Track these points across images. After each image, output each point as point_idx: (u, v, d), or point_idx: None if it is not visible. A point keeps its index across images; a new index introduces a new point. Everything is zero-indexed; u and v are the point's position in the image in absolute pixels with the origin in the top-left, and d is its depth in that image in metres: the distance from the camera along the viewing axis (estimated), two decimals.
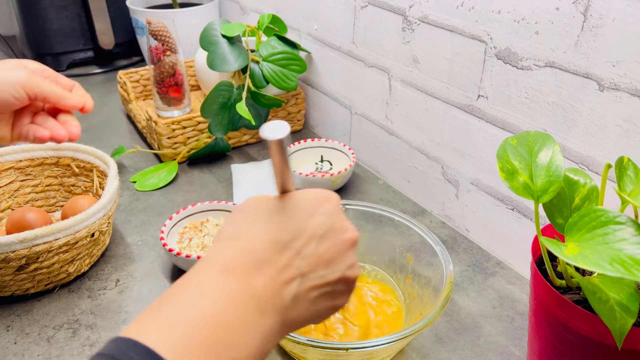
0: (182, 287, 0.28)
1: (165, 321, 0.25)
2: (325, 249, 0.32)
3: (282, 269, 0.30)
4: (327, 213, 0.33)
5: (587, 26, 0.46)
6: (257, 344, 0.27)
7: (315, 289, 0.31)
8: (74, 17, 1.10)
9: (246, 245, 0.30)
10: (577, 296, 0.39)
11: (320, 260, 0.32)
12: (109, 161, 0.63)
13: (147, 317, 0.26)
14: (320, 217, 0.32)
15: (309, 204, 0.33)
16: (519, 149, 0.41)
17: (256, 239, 0.30)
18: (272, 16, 0.82)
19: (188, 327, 0.25)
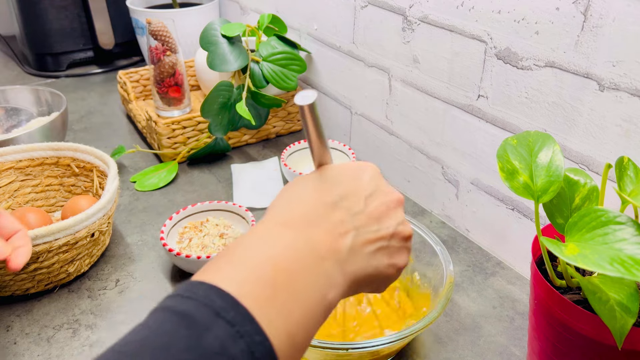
0: (243, 240, 0.29)
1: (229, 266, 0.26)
2: (374, 207, 0.33)
3: (336, 225, 0.31)
4: (370, 176, 0.35)
5: (587, 26, 0.46)
6: (320, 288, 0.28)
7: (370, 243, 0.32)
8: (74, 17, 1.10)
9: (298, 207, 0.32)
10: (577, 296, 0.39)
11: (370, 217, 0.33)
12: (109, 161, 0.63)
13: (210, 265, 0.27)
14: (364, 181, 0.34)
15: (351, 171, 0.35)
16: (519, 149, 0.41)
17: (307, 202, 0.32)
18: (272, 16, 0.82)
19: (252, 270, 0.26)
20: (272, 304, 0.25)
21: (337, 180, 0.34)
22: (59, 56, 1.14)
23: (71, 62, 1.16)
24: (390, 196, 0.35)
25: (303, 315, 0.27)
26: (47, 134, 0.74)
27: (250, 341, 0.23)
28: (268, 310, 0.25)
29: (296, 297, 0.26)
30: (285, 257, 0.27)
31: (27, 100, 0.85)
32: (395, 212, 0.35)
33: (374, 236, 0.33)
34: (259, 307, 0.24)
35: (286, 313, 0.25)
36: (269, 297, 0.25)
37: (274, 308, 0.25)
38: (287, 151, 0.77)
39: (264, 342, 0.23)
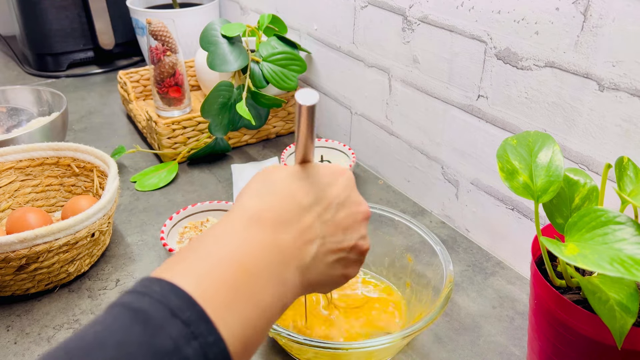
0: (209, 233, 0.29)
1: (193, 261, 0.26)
2: (342, 217, 0.34)
3: (305, 230, 0.32)
4: (344, 185, 0.35)
5: (587, 26, 0.46)
6: (279, 294, 0.29)
7: (332, 253, 0.33)
8: (74, 17, 1.11)
9: (274, 203, 0.31)
10: (577, 296, 0.39)
11: (337, 226, 0.34)
12: (109, 161, 0.63)
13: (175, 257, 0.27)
14: (338, 188, 0.35)
15: (328, 174, 0.35)
16: (519, 149, 0.41)
17: (283, 198, 0.32)
18: (272, 16, 0.82)
19: (214, 267, 0.26)
20: (230, 306, 0.25)
21: (315, 181, 0.34)
22: (59, 56, 1.14)
23: (71, 62, 1.16)
24: (359, 208, 0.36)
25: (260, 319, 0.27)
26: (47, 134, 0.74)
27: (204, 342, 0.23)
28: (225, 312, 0.25)
29: (255, 302, 0.26)
30: (250, 257, 0.27)
31: (27, 100, 0.85)
32: (360, 225, 0.36)
33: (336, 247, 0.34)
34: (216, 309, 0.24)
35: (244, 317, 0.25)
36: (228, 300, 0.25)
37: (231, 311, 0.25)
38: (287, 151, 0.77)
39: (218, 343, 0.23)
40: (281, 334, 0.42)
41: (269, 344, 0.51)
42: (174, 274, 0.25)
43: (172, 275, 0.25)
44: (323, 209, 0.33)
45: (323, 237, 0.33)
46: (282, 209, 0.31)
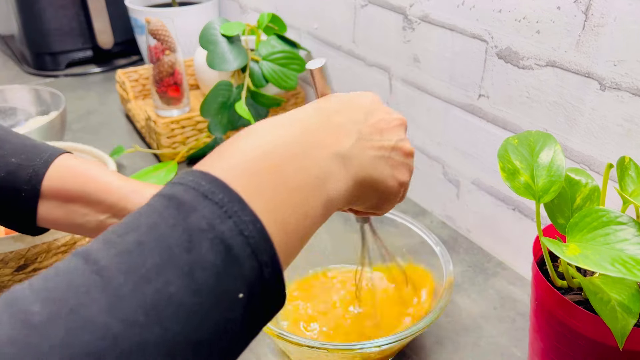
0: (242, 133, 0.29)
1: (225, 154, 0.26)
2: (375, 121, 0.34)
3: (338, 126, 0.31)
4: (370, 99, 0.35)
5: (588, 25, 0.45)
6: (319, 176, 0.28)
7: (372, 149, 0.33)
8: (72, 16, 1.10)
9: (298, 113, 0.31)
10: (578, 297, 0.39)
11: (372, 127, 0.33)
12: (108, 161, 0.63)
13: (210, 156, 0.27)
14: (364, 101, 0.35)
15: (351, 94, 0.35)
16: (520, 148, 0.41)
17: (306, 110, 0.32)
18: (272, 15, 0.81)
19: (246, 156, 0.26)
20: (259, 189, 0.25)
21: (338, 100, 0.34)
22: (58, 55, 1.14)
23: (70, 62, 1.16)
24: (392, 115, 0.35)
25: (296, 204, 0.26)
26: (45, 134, 0.74)
27: (239, 220, 0.23)
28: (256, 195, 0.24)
29: (287, 184, 0.26)
30: (279, 147, 0.27)
31: (25, 99, 0.85)
32: (397, 129, 0.35)
33: (376, 144, 0.33)
34: (249, 192, 0.24)
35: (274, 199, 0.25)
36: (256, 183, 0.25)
37: (262, 193, 0.25)
38: None
39: (255, 222, 0.23)
40: (275, 332, 0.42)
41: (269, 345, 0.51)
42: (205, 165, 0.25)
43: (204, 167, 0.25)
44: (352, 113, 0.33)
45: (359, 133, 0.32)
46: (310, 114, 0.31)
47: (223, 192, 0.23)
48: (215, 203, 0.23)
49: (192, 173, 0.25)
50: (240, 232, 0.23)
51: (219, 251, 0.22)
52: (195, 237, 0.22)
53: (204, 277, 0.21)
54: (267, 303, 0.24)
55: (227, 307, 0.22)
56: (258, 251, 0.23)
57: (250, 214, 0.23)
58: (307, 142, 0.29)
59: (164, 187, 0.24)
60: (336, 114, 0.32)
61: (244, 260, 0.22)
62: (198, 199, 0.23)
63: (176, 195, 0.23)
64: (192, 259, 0.21)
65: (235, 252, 0.22)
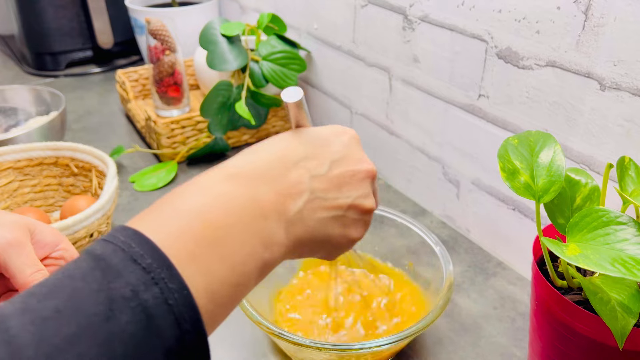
0: (186, 187, 0.28)
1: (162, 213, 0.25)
2: (337, 174, 0.32)
3: (291, 185, 0.30)
4: (343, 143, 0.33)
5: (588, 25, 0.45)
6: (255, 249, 0.27)
7: (324, 210, 0.31)
8: (72, 17, 1.10)
9: (257, 160, 0.30)
10: (578, 297, 0.39)
11: (331, 183, 0.31)
12: (107, 161, 0.63)
13: (148, 209, 0.26)
14: (336, 146, 0.33)
15: (327, 132, 0.33)
16: (520, 148, 0.41)
17: (268, 155, 0.30)
18: (272, 15, 0.81)
19: (182, 219, 0.25)
20: (195, 257, 0.24)
21: (309, 139, 0.32)
22: (58, 55, 1.14)
23: (70, 62, 1.16)
24: (360, 166, 0.33)
25: (230, 273, 0.25)
26: (45, 134, 0.74)
27: (165, 287, 0.22)
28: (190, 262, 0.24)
29: (224, 254, 0.25)
30: (219, 209, 0.26)
31: (25, 99, 0.85)
32: (361, 183, 0.33)
33: (330, 204, 0.31)
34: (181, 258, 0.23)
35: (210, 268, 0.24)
36: (193, 250, 0.24)
37: (196, 261, 0.24)
38: None
39: (181, 290, 0.23)
40: (275, 333, 0.42)
41: (269, 345, 0.51)
42: (141, 223, 0.25)
43: (140, 225, 0.24)
44: (315, 165, 0.31)
45: (312, 192, 0.30)
46: (265, 165, 0.30)
47: (152, 256, 0.23)
48: (143, 268, 0.22)
49: (125, 231, 0.24)
50: (165, 300, 0.22)
51: (139, 320, 0.21)
52: (116, 306, 0.21)
53: (122, 348, 0.20)
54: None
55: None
56: (181, 319, 0.22)
57: (178, 281, 0.23)
58: (251, 205, 0.27)
59: (95, 243, 0.24)
60: (296, 165, 0.30)
61: (165, 329, 0.22)
62: (126, 262, 0.22)
63: (104, 257, 0.23)
64: (111, 328, 0.21)
65: (157, 322, 0.22)
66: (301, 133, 0.33)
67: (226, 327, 0.53)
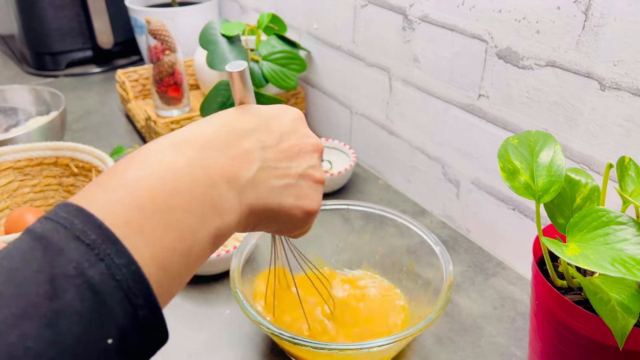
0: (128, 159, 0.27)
1: (106, 186, 0.25)
2: (287, 146, 0.32)
3: (241, 153, 0.29)
4: (290, 118, 0.34)
5: (588, 25, 0.45)
6: (205, 214, 0.26)
7: (276, 178, 0.31)
8: (72, 17, 1.10)
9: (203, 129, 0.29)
10: (578, 297, 0.39)
11: (282, 154, 0.32)
12: (107, 161, 0.63)
13: (91, 186, 0.25)
14: (283, 120, 0.33)
15: (272, 109, 0.34)
16: (520, 148, 0.41)
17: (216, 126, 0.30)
18: (272, 15, 0.81)
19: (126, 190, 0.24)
20: (142, 228, 0.23)
21: (256, 114, 0.32)
22: (58, 55, 1.14)
23: (70, 62, 1.16)
24: (308, 139, 0.34)
25: (179, 241, 0.25)
26: (45, 134, 0.74)
27: (111, 263, 0.21)
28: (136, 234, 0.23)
29: (171, 222, 0.24)
30: (166, 178, 0.25)
31: (25, 99, 0.85)
32: (310, 155, 0.33)
33: (282, 173, 0.31)
34: (126, 231, 0.23)
35: (158, 238, 0.24)
36: (139, 221, 0.23)
37: (143, 232, 0.23)
38: None
39: (129, 265, 0.22)
40: (275, 333, 0.42)
41: (269, 344, 0.51)
42: (85, 198, 0.24)
43: (83, 200, 0.23)
44: (265, 137, 0.31)
45: (264, 161, 0.30)
46: (213, 134, 0.29)
47: (96, 232, 0.22)
48: (87, 245, 0.21)
49: (67, 207, 0.23)
50: (112, 275, 0.21)
51: (85, 298, 0.20)
52: (59, 284, 0.20)
53: (67, 327, 0.20)
54: (146, 342, 0.23)
55: (94, 355, 0.20)
56: (131, 294, 0.22)
57: (125, 255, 0.22)
58: (200, 172, 0.27)
59: (36, 222, 0.23)
60: (247, 136, 0.30)
61: (114, 305, 0.21)
62: (67, 240, 0.21)
63: (45, 235, 0.22)
64: (55, 308, 0.20)
65: (105, 298, 0.21)
66: (247, 108, 0.33)
67: (226, 327, 0.53)
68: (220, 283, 0.58)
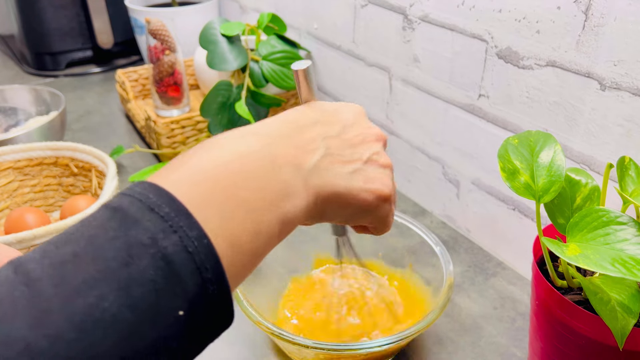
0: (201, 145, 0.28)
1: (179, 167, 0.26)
2: (350, 136, 0.33)
3: (305, 142, 0.30)
4: (352, 112, 0.34)
5: (588, 25, 0.45)
6: (273, 195, 0.27)
7: (341, 164, 0.31)
8: (72, 16, 1.10)
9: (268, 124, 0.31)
10: (578, 297, 0.39)
11: (345, 142, 0.32)
12: (107, 161, 0.63)
13: (164, 169, 0.26)
14: (346, 114, 0.34)
15: (334, 105, 0.34)
16: (520, 148, 0.41)
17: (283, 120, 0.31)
18: (272, 15, 0.81)
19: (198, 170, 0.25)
20: (211, 204, 0.24)
21: (319, 109, 0.33)
22: (58, 55, 1.14)
23: (70, 62, 1.15)
24: (370, 130, 0.34)
25: (249, 219, 0.25)
26: (45, 134, 0.74)
27: (184, 235, 0.22)
28: (207, 209, 0.24)
29: (240, 200, 0.25)
30: (236, 161, 0.26)
31: (25, 99, 0.85)
32: (373, 143, 0.34)
33: (346, 159, 0.32)
34: (197, 206, 0.23)
35: (227, 214, 0.24)
36: (209, 198, 0.24)
37: (213, 208, 0.24)
38: None
39: (201, 237, 0.23)
40: (275, 333, 0.42)
41: (269, 344, 0.51)
42: (159, 177, 0.25)
43: (157, 179, 0.25)
44: (327, 128, 0.32)
45: (327, 148, 0.31)
46: (279, 128, 0.30)
47: (170, 206, 0.23)
48: (161, 217, 0.22)
49: (142, 184, 0.24)
50: (184, 247, 0.22)
51: (159, 267, 0.21)
52: (135, 252, 0.21)
53: (141, 293, 0.21)
54: (213, 321, 0.23)
55: (165, 324, 0.21)
56: (202, 268, 0.22)
57: (198, 229, 0.23)
58: (266, 156, 0.28)
59: (112, 198, 0.24)
60: (310, 127, 0.31)
61: (186, 277, 0.22)
62: (143, 211, 0.22)
63: (121, 207, 0.23)
64: (130, 273, 0.21)
65: (177, 269, 0.22)
66: (311, 104, 0.34)
67: None
68: None
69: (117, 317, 0.20)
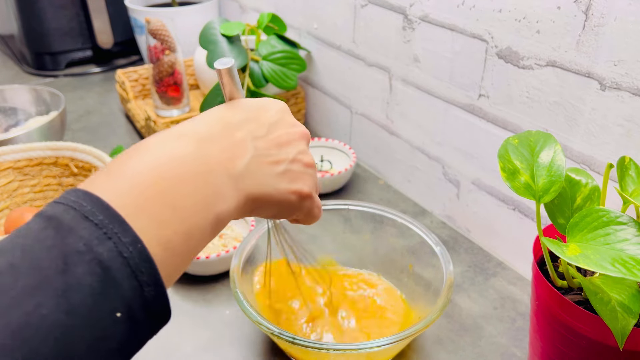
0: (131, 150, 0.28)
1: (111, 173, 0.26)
2: (276, 135, 0.34)
3: (234, 144, 0.31)
4: (276, 109, 0.35)
5: (588, 25, 0.45)
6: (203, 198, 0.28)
7: (269, 165, 0.33)
8: (72, 16, 1.10)
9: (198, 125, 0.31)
10: (578, 297, 0.39)
11: (272, 143, 0.33)
12: (107, 161, 0.63)
13: (97, 174, 0.27)
14: (270, 112, 0.35)
15: (258, 102, 0.35)
16: (520, 148, 0.41)
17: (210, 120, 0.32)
18: (272, 15, 0.81)
19: (130, 176, 0.26)
20: (144, 209, 0.25)
21: (244, 107, 0.34)
22: (58, 55, 1.14)
23: (70, 62, 1.15)
24: (295, 128, 0.36)
25: (182, 222, 0.26)
26: (45, 134, 0.73)
27: (119, 242, 0.23)
28: (140, 215, 0.24)
29: (173, 205, 0.26)
30: (167, 165, 0.27)
31: (25, 99, 0.85)
32: (298, 142, 0.35)
33: (274, 159, 0.33)
34: (130, 212, 0.24)
35: (160, 219, 0.25)
36: (142, 203, 0.25)
37: (146, 213, 0.25)
38: None
39: (135, 243, 0.23)
40: (274, 333, 0.42)
41: (269, 344, 0.51)
42: (92, 184, 0.25)
43: (90, 186, 0.25)
44: (254, 128, 0.33)
45: (256, 149, 0.32)
46: (208, 129, 0.31)
47: (104, 213, 0.23)
48: (95, 224, 0.23)
49: (75, 192, 0.25)
50: (119, 253, 0.23)
51: (95, 273, 0.22)
52: (71, 259, 0.22)
53: (79, 299, 0.21)
54: (151, 320, 0.24)
55: (103, 327, 0.22)
56: (138, 272, 0.23)
57: (131, 235, 0.24)
58: (198, 161, 0.28)
59: (46, 206, 0.24)
60: (238, 127, 0.32)
61: (122, 281, 0.23)
62: (77, 219, 0.23)
63: (55, 216, 0.23)
64: (67, 281, 0.21)
65: (113, 274, 0.22)
66: (236, 102, 0.35)
67: (226, 327, 0.53)
68: (220, 283, 0.58)
69: (55, 323, 0.20)
